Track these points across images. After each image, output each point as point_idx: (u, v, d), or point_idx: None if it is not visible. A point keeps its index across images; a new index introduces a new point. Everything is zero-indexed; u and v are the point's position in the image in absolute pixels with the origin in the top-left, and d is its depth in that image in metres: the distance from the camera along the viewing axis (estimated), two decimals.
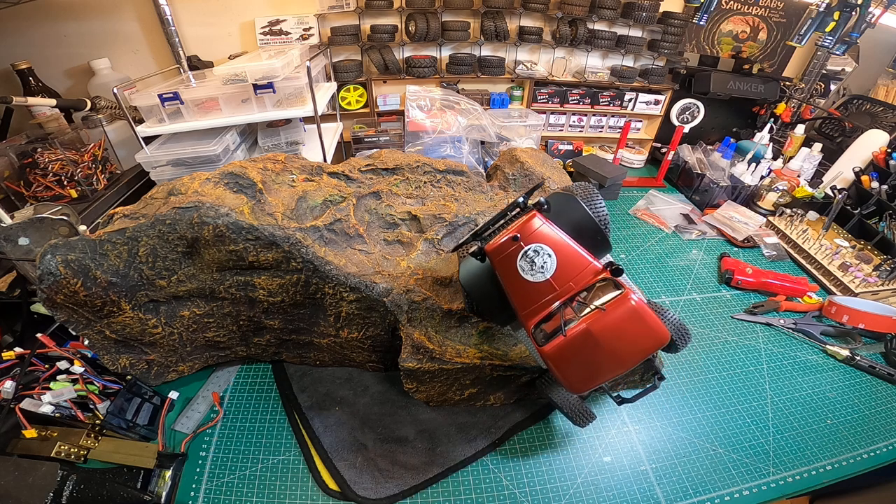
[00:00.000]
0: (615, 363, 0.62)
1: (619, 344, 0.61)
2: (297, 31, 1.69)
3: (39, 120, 1.37)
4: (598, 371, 0.62)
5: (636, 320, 0.62)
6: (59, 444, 0.80)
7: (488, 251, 0.70)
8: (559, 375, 0.64)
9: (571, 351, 0.62)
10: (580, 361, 0.62)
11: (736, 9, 1.98)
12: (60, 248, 0.78)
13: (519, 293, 0.68)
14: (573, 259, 0.68)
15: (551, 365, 0.64)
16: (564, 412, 0.85)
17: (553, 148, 2.06)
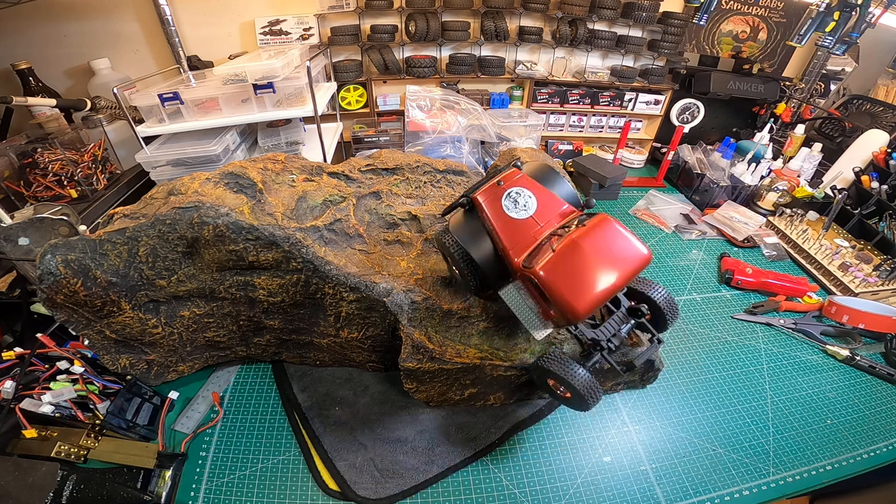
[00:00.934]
0: (606, 272, 0.64)
1: (605, 253, 0.65)
2: (297, 31, 1.69)
3: (39, 120, 1.37)
4: (592, 282, 0.64)
5: (614, 231, 0.67)
6: (59, 444, 0.80)
7: (475, 198, 0.77)
8: (557, 292, 0.64)
9: (563, 264, 0.64)
10: (573, 273, 0.64)
11: (736, 9, 1.98)
12: (60, 247, 0.78)
13: (506, 231, 0.72)
14: (552, 200, 0.76)
15: (547, 283, 0.65)
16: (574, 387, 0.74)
17: (553, 148, 2.06)
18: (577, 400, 0.78)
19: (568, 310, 0.64)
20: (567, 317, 0.65)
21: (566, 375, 0.74)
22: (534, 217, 0.74)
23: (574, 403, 0.81)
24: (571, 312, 0.64)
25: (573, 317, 0.65)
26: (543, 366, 0.79)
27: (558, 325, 0.75)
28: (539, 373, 0.84)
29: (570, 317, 0.65)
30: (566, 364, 0.76)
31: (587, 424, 1.01)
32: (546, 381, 0.83)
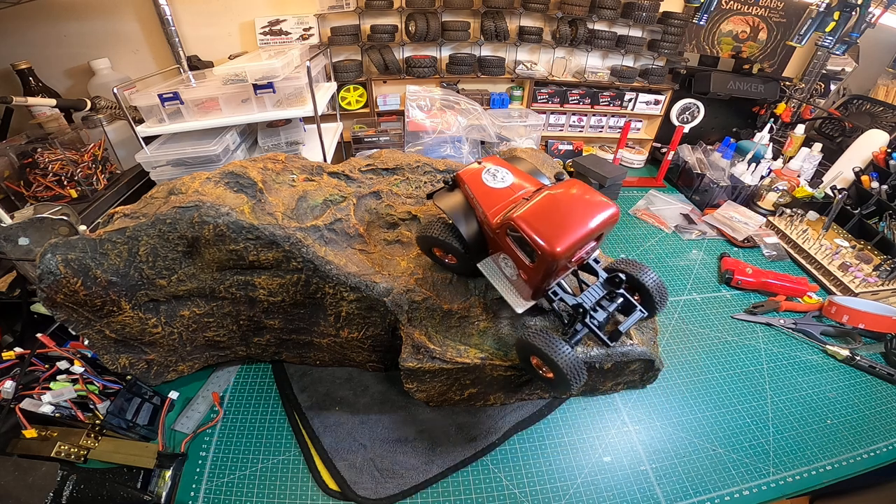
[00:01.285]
0: (578, 217, 0.70)
1: (576, 204, 0.72)
2: (297, 31, 1.69)
3: (39, 120, 1.37)
4: (566, 224, 0.69)
5: (584, 188, 0.76)
6: (59, 444, 0.80)
7: (459, 176, 0.84)
8: (538, 233, 0.68)
9: (538, 211, 0.71)
10: (548, 218, 0.70)
11: (736, 9, 1.98)
12: (60, 247, 0.78)
13: (485, 198, 0.79)
14: (526, 177, 0.84)
15: (524, 226, 0.69)
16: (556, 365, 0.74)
17: (553, 148, 2.06)
18: (560, 380, 0.78)
19: (547, 248, 0.67)
20: (546, 257, 0.68)
21: (549, 351, 0.74)
22: (510, 187, 0.81)
23: (557, 385, 0.81)
24: (550, 250, 0.67)
25: (551, 255, 0.67)
26: (527, 340, 0.78)
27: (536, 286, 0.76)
28: (522, 349, 0.82)
29: (548, 256, 0.68)
30: (550, 340, 0.76)
31: (587, 424, 1.01)
32: (529, 358, 0.82)
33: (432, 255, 0.92)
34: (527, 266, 0.74)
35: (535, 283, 0.76)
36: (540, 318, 0.92)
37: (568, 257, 0.70)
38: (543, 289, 0.80)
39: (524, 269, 0.75)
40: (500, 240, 0.77)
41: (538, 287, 0.77)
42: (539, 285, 0.77)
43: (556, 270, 0.73)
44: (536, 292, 0.80)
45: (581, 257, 0.81)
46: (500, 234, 0.75)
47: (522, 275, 0.77)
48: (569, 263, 0.77)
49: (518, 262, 0.76)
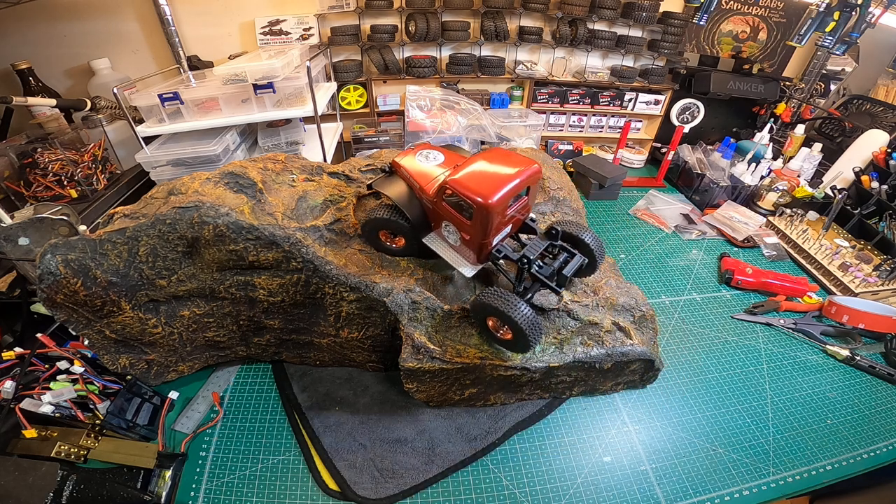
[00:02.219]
0: (504, 173, 0.77)
1: (501, 163, 0.79)
2: (297, 31, 1.69)
3: (39, 120, 1.37)
4: (494, 180, 0.76)
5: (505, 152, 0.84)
6: (59, 444, 0.80)
7: (395, 162, 0.89)
8: (470, 191, 0.74)
9: (468, 173, 0.77)
10: (478, 177, 0.76)
11: (736, 9, 1.98)
12: (60, 247, 0.78)
13: (420, 175, 0.85)
14: (456, 156, 0.91)
15: (458, 187, 0.75)
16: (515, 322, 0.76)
17: (553, 148, 2.06)
18: (519, 339, 0.80)
19: (480, 201, 0.73)
20: (481, 210, 0.73)
21: (505, 307, 0.76)
22: (441, 164, 0.89)
23: (516, 344, 0.83)
24: (483, 202, 0.72)
25: (485, 207, 0.73)
26: (482, 300, 0.80)
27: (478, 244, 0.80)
28: (479, 311, 0.84)
29: (483, 209, 0.73)
30: (507, 298, 0.78)
31: (587, 424, 1.01)
32: (485, 321, 0.84)
33: (378, 242, 0.93)
34: (466, 225, 0.79)
35: (477, 239, 0.80)
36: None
37: (501, 210, 0.76)
38: (487, 248, 0.83)
39: (465, 229, 0.80)
40: (439, 207, 0.82)
41: (481, 245, 0.81)
42: (481, 242, 0.80)
43: (493, 224, 0.77)
44: (481, 253, 0.84)
45: (517, 218, 0.87)
46: (438, 201, 0.81)
47: (465, 235, 0.81)
48: (504, 219, 0.81)
49: (458, 223, 0.81)
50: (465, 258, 0.86)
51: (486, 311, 0.82)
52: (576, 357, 0.93)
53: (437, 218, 0.85)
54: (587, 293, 1.01)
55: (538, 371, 0.92)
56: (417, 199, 0.86)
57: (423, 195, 0.84)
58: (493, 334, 0.85)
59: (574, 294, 1.00)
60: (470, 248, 0.83)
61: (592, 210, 1.78)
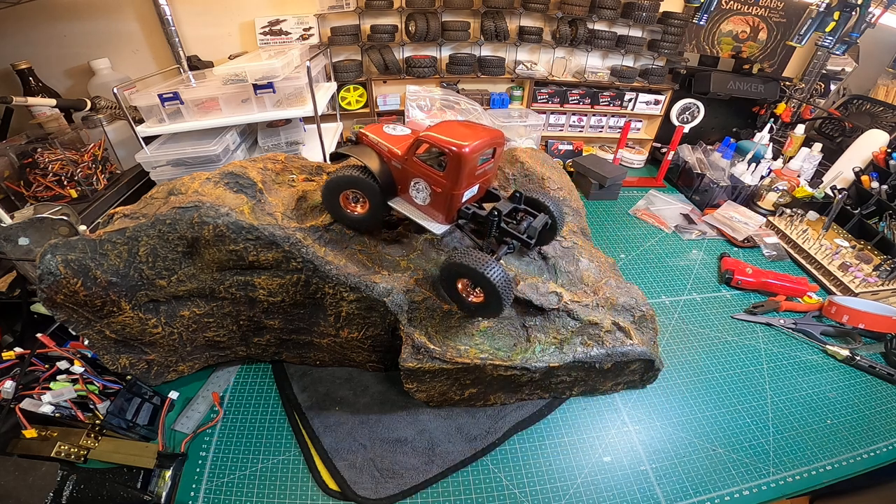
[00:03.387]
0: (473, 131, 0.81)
1: (471, 126, 0.83)
2: (297, 31, 1.69)
3: (39, 120, 1.37)
4: (466, 134, 0.79)
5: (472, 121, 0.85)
6: (59, 444, 0.80)
7: (361, 132, 0.91)
8: (446, 141, 0.77)
9: (440, 128, 0.81)
10: (451, 131, 0.80)
11: (736, 9, 1.98)
12: (60, 247, 0.78)
13: (391, 140, 0.88)
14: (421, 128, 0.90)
15: (434, 138, 0.78)
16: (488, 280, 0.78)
17: (553, 148, 2.06)
18: (491, 298, 0.80)
19: (455, 149, 0.76)
20: (456, 158, 0.76)
21: (479, 267, 0.77)
22: (409, 134, 0.91)
23: (487, 307, 0.83)
24: (458, 150, 0.76)
25: (460, 155, 0.76)
26: (452, 261, 0.81)
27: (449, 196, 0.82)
28: (449, 273, 0.84)
29: (458, 157, 0.76)
30: (479, 257, 0.79)
31: (587, 424, 1.01)
32: (455, 285, 0.84)
33: (337, 208, 0.92)
34: (439, 178, 0.81)
35: (449, 190, 0.81)
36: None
37: (473, 160, 0.79)
38: (457, 203, 0.84)
39: (437, 182, 0.82)
40: (410, 165, 0.84)
41: (451, 198, 0.82)
42: (452, 193, 0.81)
43: (465, 173, 0.79)
44: (450, 211, 0.85)
45: (484, 180, 0.89)
46: (409, 159, 0.84)
47: (436, 188, 0.82)
48: (474, 175, 0.84)
49: (430, 178, 0.82)
50: (434, 218, 0.87)
51: (456, 272, 0.82)
52: (576, 357, 0.93)
53: (405, 179, 0.87)
54: (587, 293, 1.01)
55: (538, 371, 0.92)
56: (385, 163, 0.88)
57: (392, 158, 0.86)
58: (463, 299, 0.85)
59: (574, 294, 1.00)
60: (439, 207, 0.84)
61: (592, 210, 1.78)
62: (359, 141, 0.93)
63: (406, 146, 0.84)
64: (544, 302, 0.94)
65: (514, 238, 0.86)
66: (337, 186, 0.89)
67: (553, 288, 0.96)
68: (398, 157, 0.85)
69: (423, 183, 0.84)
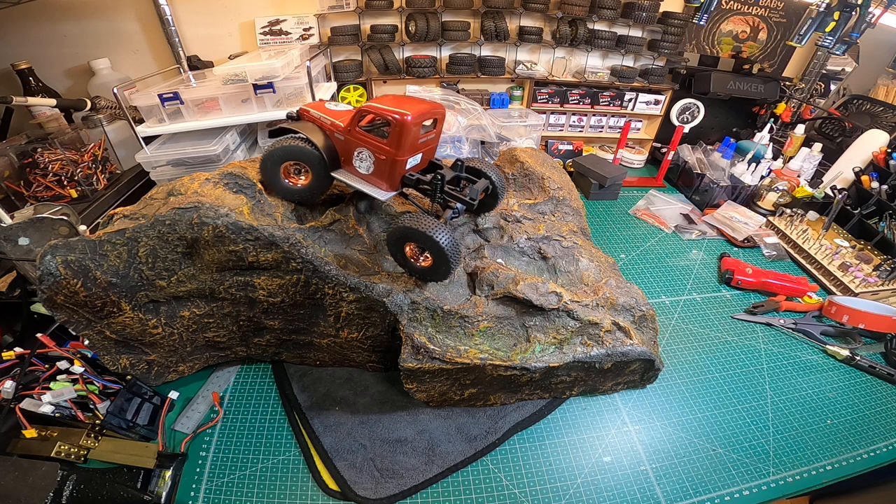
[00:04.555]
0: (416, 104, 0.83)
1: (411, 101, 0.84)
2: (297, 31, 1.69)
3: (39, 120, 1.37)
4: (408, 104, 0.82)
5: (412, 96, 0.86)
6: (59, 444, 0.80)
7: (303, 109, 0.93)
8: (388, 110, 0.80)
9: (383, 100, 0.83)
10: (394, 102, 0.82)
11: (736, 9, 1.98)
12: (60, 248, 0.78)
13: (334, 115, 0.90)
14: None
15: (377, 108, 0.81)
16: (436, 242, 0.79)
17: (553, 148, 2.06)
18: (439, 261, 0.82)
19: (398, 117, 0.79)
20: (399, 125, 0.79)
21: (427, 230, 0.79)
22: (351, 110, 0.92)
23: (436, 271, 0.85)
24: (401, 118, 0.79)
25: (403, 123, 0.78)
26: (400, 225, 0.82)
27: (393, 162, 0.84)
28: (397, 238, 0.85)
29: (401, 124, 0.79)
30: (427, 220, 0.80)
31: (587, 424, 1.01)
32: (403, 249, 0.85)
33: (276, 180, 0.91)
34: (383, 146, 0.83)
35: (392, 158, 0.83)
36: None
37: (415, 127, 0.81)
38: (401, 169, 0.86)
39: (381, 151, 0.84)
40: (353, 135, 0.86)
41: (395, 164, 0.84)
42: (396, 159, 0.83)
43: (408, 139, 0.82)
44: (394, 178, 0.86)
45: (426, 149, 0.91)
46: (353, 129, 0.86)
47: (380, 156, 0.84)
48: (417, 142, 0.86)
49: (374, 146, 0.85)
50: (379, 186, 0.89)
51: (405, 237, 0.83)
52: (576, 357, 0.93)
53: (348, 150, 0.89)
54: (587, 293, 1.01)
55: (538, 371, 0.92)
56: (328, 137, 0.90)
57: (335, 130, 0.89)
58: (411, 264, 0.86)
59: (574, 294, 1.00)
60: (383, 175, 0.86)
61: (592, 210, 1.78)
62: (300, 118, 0.94)
63: (349, 118, 0.86)
64: (544, 302, 0.94)
65: (458, 200, 0.89)
66: (280, 157, 0.89)
67: (553, 288, 0.96)
68: (341, 129, 0.87)
69: (366, 152, 0.86)
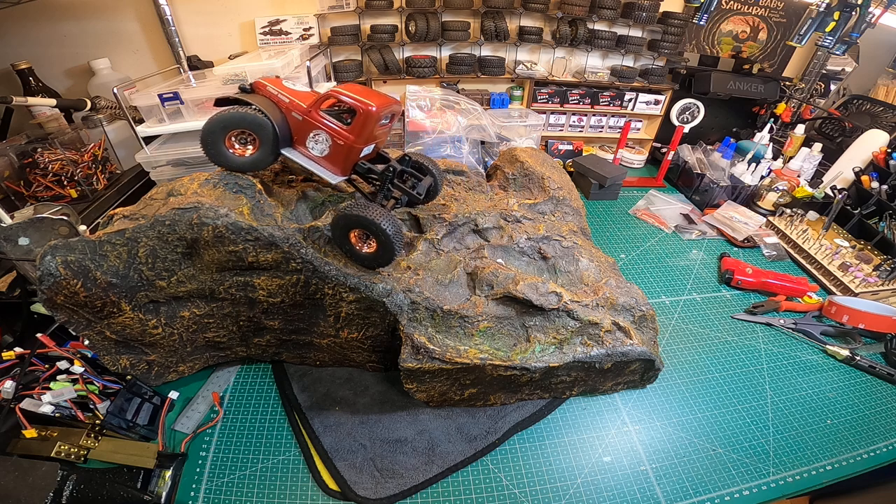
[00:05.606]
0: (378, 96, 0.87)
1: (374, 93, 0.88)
2: (297, 31, 1.69)
3: (39, 120, 1.37)
4: (372, 95, 0.86)
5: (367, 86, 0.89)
6: (59, 444, 0.80)
7: (258, 82, 0.93)
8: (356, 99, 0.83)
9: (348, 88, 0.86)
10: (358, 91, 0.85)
11: (736, 9, 1.98)
12: (60, 249, 0.78)
13: (293, 93, 0.91)
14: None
15: (344, 95, 0.84)
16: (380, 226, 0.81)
17: (553, 148, 2.06)
18: (384, 247, 0.84)
19: (364, 106, 0.83)
20: (364, 114, 0.83)
21: (373, 216, 0.81)
22: (311, 91, 0.94)
23: (380, 257, 0.86)
24: (367, 108, 0.83)
25: (368, 112, 0.83)
26: (346, 212, 0.83)
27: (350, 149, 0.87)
28: (344, 224, 0.85)
29: (366, 113, 0.83)
30: (374, 207, 0.83)
31: (587, 424, 1.01)
32: (348, 237, 0.86)
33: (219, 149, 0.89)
34: (344, 132, 0.86)
35: (350, 144, 0.86)
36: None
37: (377, 119, 0.85)
38: (355, 156, 0.89)
39: (341, 136, 0.86)
40: (312, 117, 0.88)
41: (351, 151, 0.87)
42: (354, 146, 0.86)
43: (370, 129, 0.85)
44: (348, 163, 0.89)
45: (379, 140, 0.94)
46: (313, 112, 0.88)
47: (339, 140, 0.87)
48: (374, 133, 0.89)
49: (334, 131, 0.87)
50: (331, 169, 0.90)
51: (351, 223, 0.84)
52: (576, 357, 0.93)
53: (303, 131, 0.89)
54: (587, 293, 1.01)
55: (538, 371, 0.92)
56: (283, 113, 0.90)
57: (294, 109, 0.89)
58: (356, 251, 0.87)
59: (574, 294, 1.00)
60: (338, 159, 0.89)
61: (592, 210, 1.78)
62: (254, 91, 0.94)
63: (312, 100, 0.88)
64: (544, 302, 0.94)
65: (407, 195, 0.93)
66: (230, 124, 0.87)
67: (553, 288, 0.96)
68: (301, 108, 0.88)
69: (324, 135, 0.88)
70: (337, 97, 0.85)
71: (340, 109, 0.88)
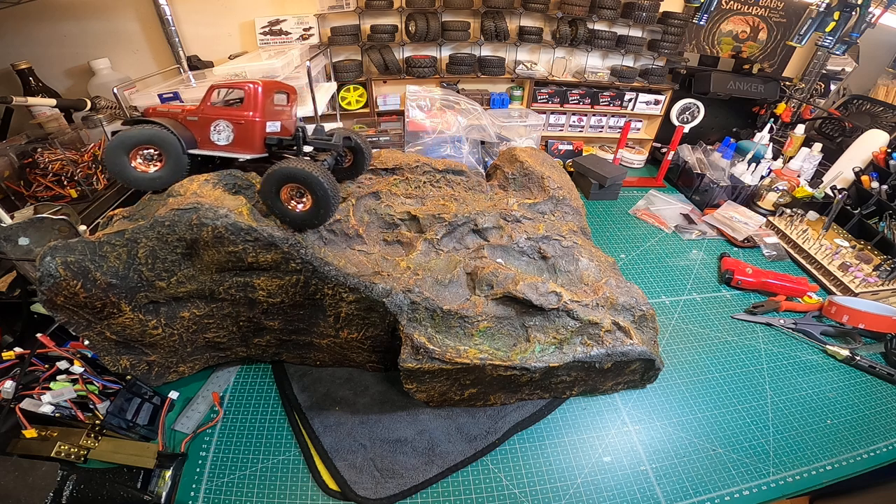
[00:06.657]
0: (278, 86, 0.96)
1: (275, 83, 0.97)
2: (297, 31, 1.69)
3: (39, 120, 1.37)
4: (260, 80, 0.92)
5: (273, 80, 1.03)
6: (59, 444, 0.81)
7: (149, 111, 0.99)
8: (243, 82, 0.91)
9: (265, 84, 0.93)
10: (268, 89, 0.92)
11: (736, 9, 1.98)
12: (60, 249, 0.78)
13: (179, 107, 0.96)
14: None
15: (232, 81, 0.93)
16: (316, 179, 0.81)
17: (553, 148, 2.06)
18: (320, 205, 0.83)
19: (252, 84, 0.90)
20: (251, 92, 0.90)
21: (302, 165, 0.81)
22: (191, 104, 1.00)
23: (315, 215, 0.85)
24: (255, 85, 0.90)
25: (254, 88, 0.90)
26: (277, 168, 0.82)
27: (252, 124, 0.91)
28: (276, 180, 0.83)
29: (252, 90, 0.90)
30: (307, 162, 0.83)
31: (587, 424, 1.01)
32: (278, 194, 0.85)
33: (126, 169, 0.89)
34: (240, 113, 0.90)
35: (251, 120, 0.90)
36: None
37: (266, 94, 0.91)
38: (261, 131, 0.93)
39: (239, 117, 0.91)
40: (208, 112, 0.92)
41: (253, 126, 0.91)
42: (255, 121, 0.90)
43: (261, 103, 0.91)
44: (256, 139, 0.92)
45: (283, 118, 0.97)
46: (205, 108, 0.92)
47: (239, 122, 0.91)
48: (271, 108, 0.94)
49: (231, 115, 0.91)
50: (243, 151, 0.93)
51: (284, 178, 0.83)
52: (576, 357, 0.93)
53: (203, 128, 0.93)
54: (587, 293, 1.01)
55: (538, 371, 0.92)
56: (180, 122, 0.94)
57: (187, 114, 0.94)
58: (286, 209, 0.85)
59: (574, 293, 1.00)
60: (245, 141, 0.92)
61: (592, 210, 1.78)
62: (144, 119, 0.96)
63: (200, 100, 0.93)
64: (544, 302, 0.94)
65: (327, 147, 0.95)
66: (131, 142, 0.87)
67: (553, 287, 0.96)
68: (193, 111, 0.94)
69: (223, 123, 0.91)
70: (220, 86, 0.93)
71: (232, 100, 0.95)
